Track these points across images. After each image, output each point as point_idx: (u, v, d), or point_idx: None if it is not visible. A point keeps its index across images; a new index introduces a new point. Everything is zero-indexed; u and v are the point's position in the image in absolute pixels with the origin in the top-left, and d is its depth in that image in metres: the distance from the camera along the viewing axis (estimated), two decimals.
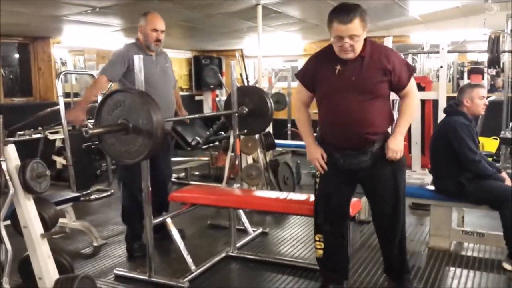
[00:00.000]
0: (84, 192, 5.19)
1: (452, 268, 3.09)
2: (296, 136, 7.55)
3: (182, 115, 3.79)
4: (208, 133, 8.25)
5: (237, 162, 3.88)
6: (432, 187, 3.44)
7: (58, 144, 5.80)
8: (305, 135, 2.60)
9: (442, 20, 6.51)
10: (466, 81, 7.63)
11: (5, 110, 5.90)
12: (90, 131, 2.47)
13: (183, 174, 6.09)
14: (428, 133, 4.03)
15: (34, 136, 5.51)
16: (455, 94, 3.34)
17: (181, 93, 8.88)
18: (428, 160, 4.05)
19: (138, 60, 2.73)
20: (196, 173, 6.28)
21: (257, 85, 5.08)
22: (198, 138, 8.18)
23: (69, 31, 5.83)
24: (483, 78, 8.25)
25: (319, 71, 2.46)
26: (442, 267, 3.10)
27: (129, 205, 3.37)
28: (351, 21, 2.26)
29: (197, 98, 9.15)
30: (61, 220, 3.79)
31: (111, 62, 3.30)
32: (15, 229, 2.29)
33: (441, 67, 3.82)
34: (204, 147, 7.60)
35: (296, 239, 3.70)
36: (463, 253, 3.34)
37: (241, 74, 4.92)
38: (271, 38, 7.34)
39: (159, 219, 2.99)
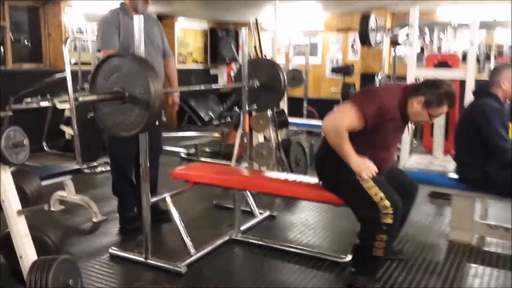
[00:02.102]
0: (91, 165, 5.05)
1: (474, 265, 2.83)
2: (312, 115, 7.27)
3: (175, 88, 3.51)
4: (221, 108, 8.05)
5: (245, 140, 3.64)
6: (454, 175, 3.18)
7: (67, 114, 5.64)
8: (350, 150, 2.40)
9: None
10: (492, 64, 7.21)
11: (13, 76, 5.81)
12: (81, 98, 2.25)
13: (193, 150, 5.88)
14: (453, 116, 3.73)
15: (42, 104, 5.34)
16: (482, 78, 3.03)
17: (196, 66, 8.68)
18: (451, 146, 3.77)
19: (138, 20, 2.48)
20: (207, 149, 6.07)
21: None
22: (211, 114, 8.00)
23: None
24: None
25: (391, 123, 2.40)
26: (462, 263, 2.84)
27: (118, 177, 3.21)
28: None
29: (212, 72, 8.89)
30: (60, 193, 3.66)
31: (105, 32, 3.05)
32: None
33: (471, 44, 3.49)
34: (217, 123, 7.43)
35: (306, 224, 3.48)
36: (486, 248, 3.08)
37: (255, 47, 4.63)
38: (290, 10, 6.99)
39: (157, 198, 2.79)
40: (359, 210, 2.44)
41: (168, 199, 2.82)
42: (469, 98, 3.38)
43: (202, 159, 5.65)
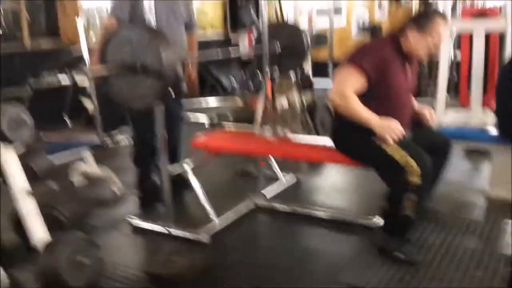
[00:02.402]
0: (111, 136, 4.96)
1: None
2: None
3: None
4: (244, 75, 7.82)
5: (267, 106, 3.46)
6: (494, 130, 2.93)
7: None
8: (366, 113, 2.24)
9: None
10: None
11: (32, 56, 5.76)
12: (91, 74, 2.13)
13: (216, 118, 5.74)
14: (493, 66, 3.44)
15: (62, 82, 5.30)
16: None
17: (216, 37, 8.45)
18: (490, 99, 3.49)
19: None
20: (230, 117, 5.91)
21: None
22: (233, 81, 7.82)
23: None
24: None
25: (392, 66, 2.30)
26: (503, 222, 2.60)
27: (141, 147, 3.07)
28: None
29: (233, 41, 8.64)
30: (81, 167, 3.59)
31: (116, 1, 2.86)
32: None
33: None
34: (240, 90, 7.24)
35: (333, 187, 3.33)
36: None
37: (276, 10, 4.41)
38: None
39: (177, 167, 2.67)
40: (384, 173, 2.28)
41: (188, 168, 2.68)
42: (509, 50, 3.10)
43: (226, 127, 5.51)
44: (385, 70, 2.25)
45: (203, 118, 5.87)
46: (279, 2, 4.45)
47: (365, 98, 2.26)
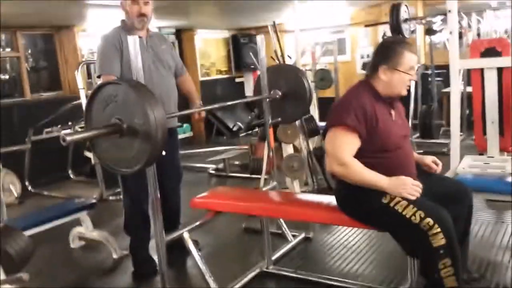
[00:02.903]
0: (116, 191, 4.81)
1: None
2: None
3: (196, 103, 3.20)
4: (249, 117, 7.71)
5: (270, 155, 3.27)
6: None
7: None
8: (373, 175, 2.04)
9: None
10: None
11: (32, 106, 5.69)
12: (69, 138, 1.96)
13: (222, 165, 5.58)
14: (508, 108, 3.23)
15: (64, 132, 5.19)
16: None
17: (220, 76, 8.40)
18: (507, 142, 3.29)
19: (132, 42, 2.17)
20: (236, 162, 5.75)
21: (294, 63, 4.48)
22: (239, 124, 7.68)
23: (93, 16, 5.41)
24: None
25: (377, 114, 2.09)
26: None
27: (133, 213, 2.90)
28: None
29: (237, 80, 8.59)
30: (78, 229, 3.42)
31: (104, 55, 2.74)
32: None
33: None
34: (245, 133, 7.10)
35: (347, 247, 3.07)
36: None
37: (275, 51, 4.29)
38: (312, 8, 6.61)
39: (173, 235, 2.47)
40: (403, 240, 2.04)
41: (186, 236, 2.49)
42: None
43: (232, 174, 5.35)
44: (372, 120, 2.06)
45: (208, 166, 5.73)
46: (278, 42, 4.32)
47: (363, 157, 2.06)
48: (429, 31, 5.80)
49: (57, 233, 3.38)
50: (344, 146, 2.06)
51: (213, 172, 5.55)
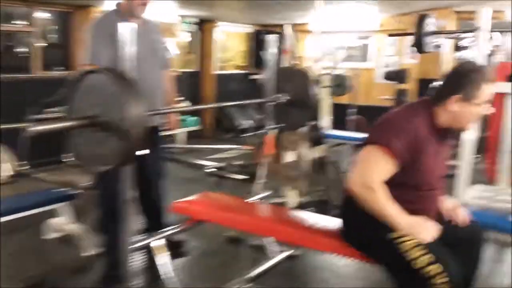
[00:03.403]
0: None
1: None
2: (361, 125, 6.54)
3: (171, 104, 3.02)
4: (261, 116, 7.49)
5: (266, 161, 3.07)
6: None
7: None
8: (395, 211, 1.80)
9: None
10: None
11: (41, 83, 5.60)
12: (33, 129, 1.80)
13: (223, 164, 5.39)
14: None
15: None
16: None
17: (237, 71, 8.21)
18: None
19: (126, 30, 2.01)
20: (239, 162, 5.55)
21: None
22: (250, 122, 7.50)
23: None
24: None
25: (428, 149, 1.83)
26: None
27: (107, 211, 2.73)
28: None
29: (254, 77, 8.38)
30: (55, 220, 3.27)
31: (93, 43, 2.56)
32: None
33: None
34: (255, 132, 6.91)
35: (332, 270, 2.86)
36: None
37: (293, 52, 4.07)
38: (341, 10, 6.36)
39: (140, 243, 2.30)
40: (400, 281, 1.80)
41: (157, 245, 2.30)
42: None
43: (230, 175, 5.15)
44: (419, 153, 1.79)
45: (206, 163, 5.55)
46: (295, 42, 4.09)
47: (389, 185, 1.81)
48: (458, 48, 5.49)
49: (36, 221, 3.24)
50: (378, 169, 1.80)
51: (212, 170, 5.36)
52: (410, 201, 1.82)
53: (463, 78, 1.83)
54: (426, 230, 1.75)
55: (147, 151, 2.73)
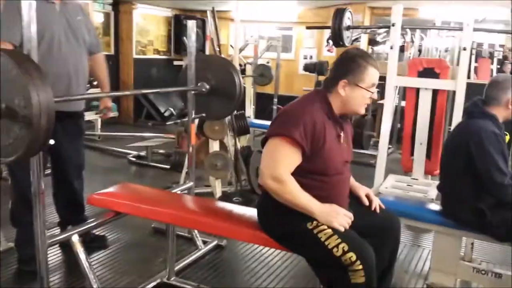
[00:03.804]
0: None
1: None
2: None
3: (105, 89, 2.90)
4: (183, 104, 7.36)
5: (190, 150, 2.98)
6: (437, 206, 2.64)
7: None
8: (306, 199, 1.82)
9: None
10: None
11: None
12: None
13: (144, 152, 5.22)
14: (438, 132, 3.18)
15: None
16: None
17: (158, 56, 7.96)
18: (433, 166, 3.23)
19: (27, 8, 1.81)
20: (161, 151, 5.42)
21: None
22: (171, 109, 7.32)
23: None
24: (492, 63, 7.42)
25: (327, 133, 1.87)
26: None
27: (19, 203, 2.55)
28: None
29: (176, 63, 8.18)
30: None
31: (5, 19, 2.35)
32: None
33: (464, 49, 2.93)
34: (177, 121, 6.76)
35: (260, 260, 2.87)
36: None
37: (212, 40, 4.00)
38: (261, 1, 6.38)
39: (59, 237, 2.15)
40: (320, 270, 1.85)
41: (75, 239, 2.16)
42: (458, 115, 2.85)
43: (153, 164, 5.01)
44: (319, 139, 1.85)
45: (128, 152, 5.35)
46: (216, 30, 4.02)
47: (297, 175, 1.85)
48: (372, 42, 5.76)
49: None
50: (284, 161, 1.82)
51: (133, 159, 5.18)
52: (319, 188, 1.87)
53: (349, 63, 1.90)
54: (340, 217, 1.80)
55: (66, 139, 2.60)
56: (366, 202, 2.06)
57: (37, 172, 1.95)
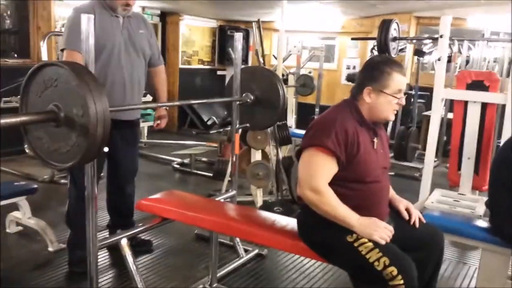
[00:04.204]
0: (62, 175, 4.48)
1: None
2: None
3: (161, 101, 3.00)
4: (226, 113, 7.47)
5: (234, 159, 3.04)
6: (485, 223, 2.56)
7: None
8: (345, 210, 1.83)
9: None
10: None
11: None
12: None
13: (188, 160, 5.34)
14: (487, 146, 3.09)
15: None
16: None
17: (202, 66, 8.13)
18: (481, 181, 3.15)
19: (86, 21, 1.93)
20: (204, 159, 5.52)
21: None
22: (214, 118, 7.44)
23: None
24: None
25: (360, 140, 1.88)
26: None
27: (76, 204, 2.65)
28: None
29: (219, 73, 8.32)
30: (15, 214, 3.15)
31: (72, 29, 2.46)
32: None
33: None
34: (220, 130, 6.87)
35: (301, 271, 2.87)
36: None
37: (257, 51, 4.06)
38: (304, 10, 6.41)
39: (109, 240, 2.25)
40: (360, 284, 1.84)
41: (124, 243, 2.25)
42: (508, 129, 2.77)
43: (196, 171, 5.12)
44: (353, 146, 1.85)
45: (173, 159, 5.48)
46: (261, 41, 4.08)
47: (334, 185, 1.85)
48: (418, 52, 5.66)
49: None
50: (321, 171, 1.83)
51: (177, 166, 5.31)
52: (357, 197, 1.87)
53: (373, 70, 1.92)
54: (380, 229, 1.78)
55: (123, 146, 2.71)
56: (406, 216, 2.03)
57: (92, 177, 2.06)
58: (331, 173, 1.85)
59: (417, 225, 2.02)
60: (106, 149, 1.88)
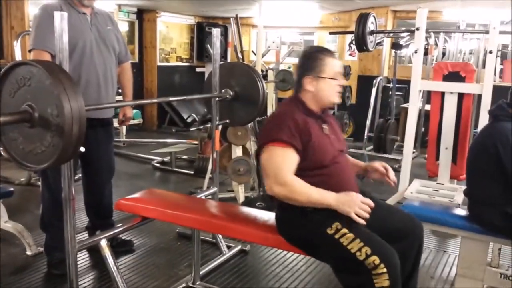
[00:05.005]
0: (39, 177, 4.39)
1: None
2: None
3: (128, 98, 2.96)
4: (205, 110, 7.42)
5: (214, 156, 3.02)
6: (463, 211, 2.60)
7: None
8: (318, 192, 1.85)
9: None
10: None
11: None
12: None
13: (168, 158, 5.29)
14: (464, 136, 3.14)
15: None
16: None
17: (181, 63, 8.07)
18: (459, 171, 3.19)
19: (59, 19, 1.88)
20: (184, 156, 5.49)
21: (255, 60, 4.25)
22: (194, 115, 7.38)
23: None
24: None
25: (310, 128, 1.95)
26: None
27: (51, 207, 2.62)
28: None
29: (198, 69, 8.27)
30: None
31: (40, 28, 2.43)
32: None
33: (490, 52, 2.89)
34: (200, 127, 6.82)
35: (284, 265, 2.87)
36: None
37: (235, 46, 4.04)
38: (282, 6, 6.40)
39: (88, 241, 2.21)
40: (344, 275, 1.84)
41: (103, 243, 2.21)
42: (484, 119, 2.81)
43: (177, 169, 5.08)
44: (305, 135, 1.91)
45: (153, 158, 5.43)
46: (239, 37, 4.06)
47: (300, 177, 1.87)
48: (395, 45, 5.71)
49: None
50: (283, 164, 1.85)
51: (157, 165, 5.26)
52: (321, 182, 1.88)
53: (307, 60, 2.01)
54: (356, 206, 1.79)
55: (97, 145, 2.66)
56: (384, 171, 2.11)
57: (68, 178, 2.01)
58: (294, 164, 1.88)
59: (392, 184, 2.13)
60: (82, 149, 1.84)
